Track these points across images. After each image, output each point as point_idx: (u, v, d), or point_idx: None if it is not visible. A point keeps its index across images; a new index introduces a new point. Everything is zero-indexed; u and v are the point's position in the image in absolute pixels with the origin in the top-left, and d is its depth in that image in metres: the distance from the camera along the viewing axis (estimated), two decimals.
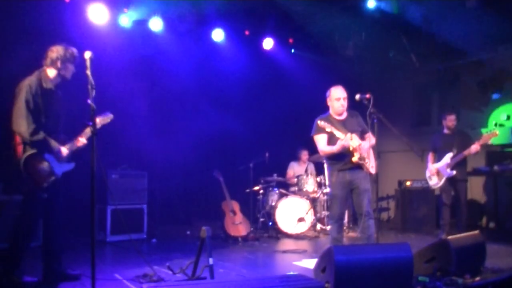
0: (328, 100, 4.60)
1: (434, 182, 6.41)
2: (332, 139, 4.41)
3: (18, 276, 3.51)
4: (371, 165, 4.45)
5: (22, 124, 3.38)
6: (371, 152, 4.52)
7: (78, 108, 3.73)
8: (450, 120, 6.39)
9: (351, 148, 4.31)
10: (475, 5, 6.21)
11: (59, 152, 3.59)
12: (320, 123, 4.36)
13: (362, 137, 4.49)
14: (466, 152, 6.05)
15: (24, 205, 3.56)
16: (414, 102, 9.16)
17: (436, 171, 6.34)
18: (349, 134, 4.30)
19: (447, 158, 6.22)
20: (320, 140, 4.50)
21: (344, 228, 6.81)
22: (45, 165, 3.49)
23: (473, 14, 6.51)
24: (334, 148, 4.34)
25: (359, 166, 4.39)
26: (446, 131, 6.47)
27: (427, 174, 6.54)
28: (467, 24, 6.84)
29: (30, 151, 3.44)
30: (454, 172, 6.15)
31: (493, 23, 6.60)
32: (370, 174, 4.45)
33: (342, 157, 4.40)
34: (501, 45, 7.16)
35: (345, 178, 4.41)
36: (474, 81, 7.70)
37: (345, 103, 4.49)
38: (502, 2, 6.39)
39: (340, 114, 4.55)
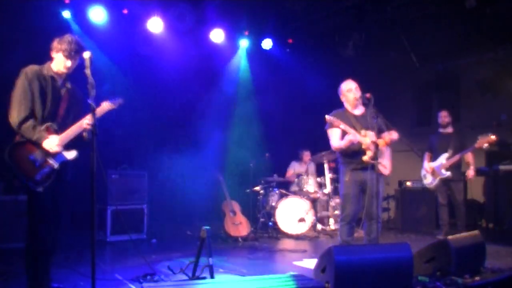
0: (341, 96, 4.53)
1: (429, 181, 6.41)
2: (345, 135, 4.30)
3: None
4: (385, 166, 4.34)
5: (12, 114, 3.20)
6: (388, 152, 4.44)
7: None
8: (440, 117, 6.42)
9: (363, 146, 4.22)
10: (474, 5, 6.21)
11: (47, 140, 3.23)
12: (330, 119, 4.24)
13: (379, 136, 4.31)
14: (460, 156, 6.09)
15: (27, 205, 3.28)
16: (414, 102, 9.16)
17: (432, 170, 6.35)
18: (363, 131, 4.22)
19: (442, 158, 6.23)
20: (333, 135, 4.40)
21: None
22: (36, 153, 3.19)
23: (472, 14, 6.52)
24: (342, 143, 4.25)
25: (372, 166, 4.25)
26: (441, 130, 6.47)
27: (422, 172, 6.56)
28: (467, 24, 6.85)
29: (18, 140, 3.21)
30: (449, 173, 6.15)
31: (493, 23, 6.61)
32: (382, 174, 4.33)
33: (355, 156, 4.30)
34: (501, 45, 7.16)
35: (359, 178, 4.30)
36: (474, 81, 7.70)
37: (358, 93, 4.40)
38: (502, 2, 6.40)
39: (356, 107, 4.48)
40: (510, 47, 7.12)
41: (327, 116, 4.32)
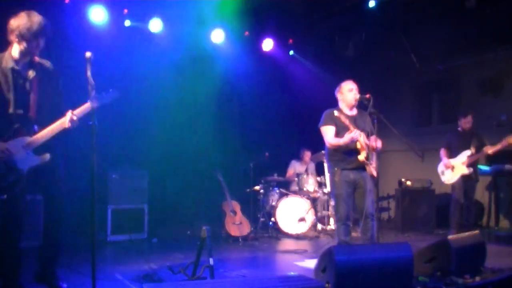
0: (338, 94, 4.53)
1: (448, 177, 6.36)
2: (340, 133, 4.31)
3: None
4: (375, 168, 4.35)
5: None
6: (375, 155, 4.44)
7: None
8: (465, 123, 6.37)
9: (358, 146, 4.22)
10: (474, 5, 6.22)
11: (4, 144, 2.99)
12: (336, 113, 4.25)
13: (368, 139, 4.38)
14: (488, 150, 6.06)
15: None
16: (414, 102, 9.17)
17: (452, 166, 6.31)
18: (358, 131, 4.21)
19: (464, 155, 6.21)
20: (328, 132, 4.39)
21: None
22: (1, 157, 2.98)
23: (472, 14, 6.52)
24: (341, 141, 4.24)
25: (362, 167, 4.31)
26: (461, 130, 6.46)
27: (441, 168, 6.48)
28: (467, 24, 6.85)
29: None
30: (471, 169, 6.15)
31: (493, 23, 6.61)
32: (373, 176, 4.35)
33: (348, 155, 4.31)
34: (501, 45, 7.16)
35: (349, 177, 4.32)
36: (474, 81, 7.70)
37: (358, 94, 4.41)
38: (502, 2, 6.40)
39: (352, 108, 4.48)
40: (510, 47, 7.12)
41: (335, 111, 4.31)
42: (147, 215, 6.31)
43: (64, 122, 3.15)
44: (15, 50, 3.10)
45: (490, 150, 6.03)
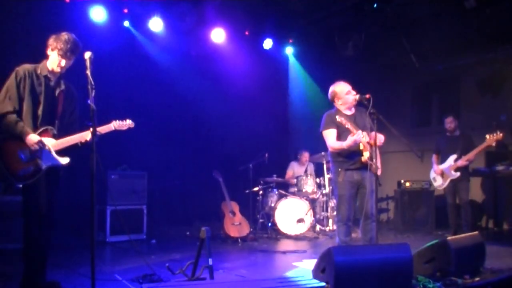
0: (335, 98, 4.45)
1: (439, 183, 6.44)
2: (342, 135, 4.29)
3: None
4: (378, 166, 4.29)
5: None
6: (378, 152, 4.37)
7: (79, 109, 3.67)
8: (446, 123, 6.47)
9: (361, 146, 4.19)
10: (474, 5, 6.21)
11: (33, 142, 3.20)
12: (336, 116, 4.20)
13: (369, 134, 4.33)
14: (469, 158, 6.11)
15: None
16: (414, 102, 9.16)
17: (441, 172, 6.37)
18: (360, 131, 4.18)
19: (451, 160, 6.26)
20: (330, 135, 4.35)
21: None
22: (26, 150, 3.19)
23: (472, 14, 6.52)
24: (344, 144, 4.20)
25: (366, 166, 4.27)
26: (448, 133, 6.51)
27: (432, 175, 6.58)
28: (467, 24, 6.85)
29: (4, 134, 3.21)
30: (458, 173, 6.19)
31: (493, 23, 6.61)
32: (376, 175, 4.30)
33: (351, 156, 4.28)
34: (501, 45, 7.16)
35: (353, 177, 4.29)
36: (474, 81, 7.70)
37: (356, 94, 4.36)
38: (501, 3, 6.40)
39: (351, 108, 4.46)
40: (510, 47, 7.11)
41: (335, 114, 4.29)
42: (146, 215, 6.31)
43: (86, 134, 3.38)
44: (50, 63, 3.37)
45: (471, 155, 6.09)
